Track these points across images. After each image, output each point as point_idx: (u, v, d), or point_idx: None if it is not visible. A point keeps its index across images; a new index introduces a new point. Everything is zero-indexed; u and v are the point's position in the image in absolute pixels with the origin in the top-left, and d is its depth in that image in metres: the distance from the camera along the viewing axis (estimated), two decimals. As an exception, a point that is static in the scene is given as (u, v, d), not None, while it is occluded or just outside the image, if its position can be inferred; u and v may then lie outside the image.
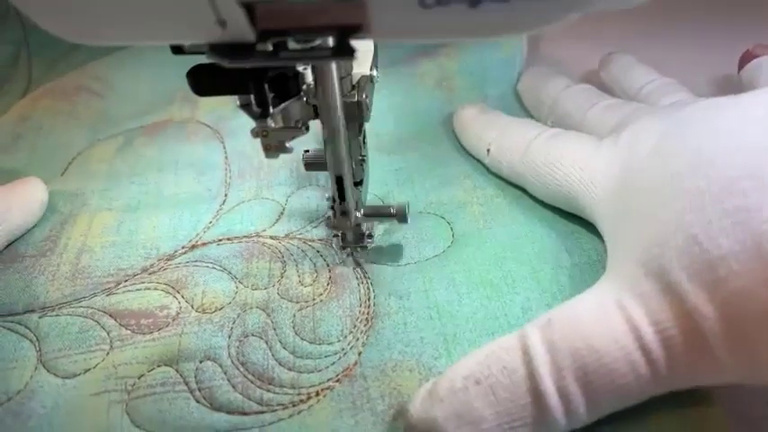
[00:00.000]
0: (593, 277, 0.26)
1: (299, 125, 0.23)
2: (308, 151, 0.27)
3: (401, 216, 0.27)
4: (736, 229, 0.19)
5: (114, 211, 0.33)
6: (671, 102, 0.31)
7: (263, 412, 0.23)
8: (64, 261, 0.30)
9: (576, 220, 0.29)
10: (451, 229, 0.31)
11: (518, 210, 0.31)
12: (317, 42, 0.17)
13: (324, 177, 0.34)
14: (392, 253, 0.29)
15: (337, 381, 0.24)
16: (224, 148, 0.36)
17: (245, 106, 0.22)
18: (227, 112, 0.39)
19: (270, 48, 0.16)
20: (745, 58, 0.35)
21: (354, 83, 0.24)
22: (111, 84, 0.41)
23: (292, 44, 0.17)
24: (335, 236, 0.29)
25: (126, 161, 0.36)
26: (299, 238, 0.30)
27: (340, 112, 0.23)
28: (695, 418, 0.21)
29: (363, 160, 0.27)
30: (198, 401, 0.24)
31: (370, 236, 0.29)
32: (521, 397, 0.20)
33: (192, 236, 0.31)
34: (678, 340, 0.19)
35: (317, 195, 0.33)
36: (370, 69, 0.24)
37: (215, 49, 0.16)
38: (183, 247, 0.30)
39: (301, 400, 0.24)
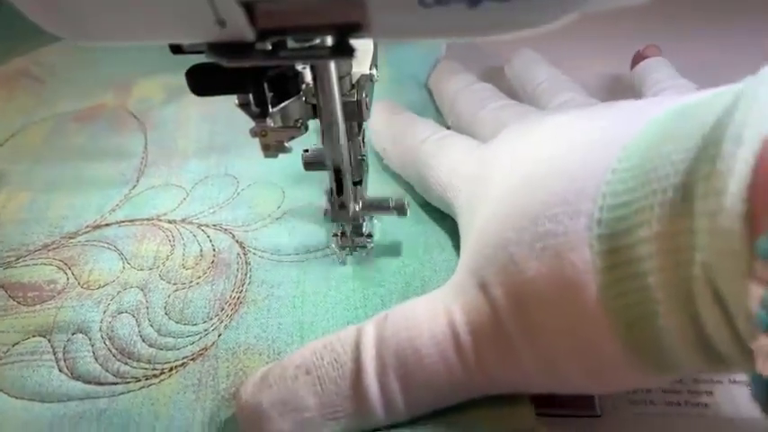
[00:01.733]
0: None
1: (298, 125, 0.23)
2: (307, 151, 0.27)
3: (400, 209, 0.27)
4: (545, 253, 0.19)
5: (32, 191, 0.34)
6: (561, 101, 0.31)
7: (116, 383, 0.25)
8: (-27, 235, 0.32)
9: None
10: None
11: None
12: (317, 41, 0.17)
13: (231, 164, 0.35)
14: (277, 244, 0.30)
15: (192, 359, 0.25)
16: (145, 137, 0.38)
17: (244, 106, 0.22)
18: (156, 102, 0.40)
19: (269, 47, 0.17)
20: (636, 59, 0.35)
21: (354, 82, 0.24)
22: (52, 69, 0.43)
23: (291, 43, 0.17)
24: (335, 235, 0.29)
25: (53, 145, 0.38)
26: (195, 223, 0.32)
27: (339, 107, 0.23)
28: (505, 413, 0.22)
29: (363, 160, 0.27)
30: (60, 370, 0.25)
31: (370, 235, 0.29)
32: (345, 390, 0.21)
33: (97, 217, 0.33)
34: (489, 347, 0.20)
35: (221, 183, 0.34)
36: (370, 68, 0.25)
37: (214, 48, 0.16)
38: (86, 227, 0.32)
39: (154, 375, 0.25)
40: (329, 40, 0.16)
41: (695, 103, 0.18)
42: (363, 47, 0.21)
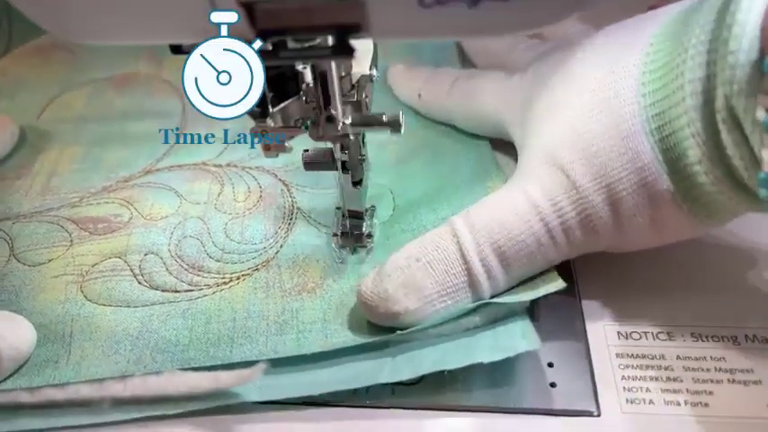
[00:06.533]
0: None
1: (299, 124, 0.24)
2: (307, 151, 0.27)
3: (395, 124, 0.25)
4: (602, 115, 0.24)
5: (83, 145, 0.38)
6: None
7: (191, 290, 0.28)
8: (36, 182, 0.35)
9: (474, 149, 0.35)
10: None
11: (428, 147, 0.36)
12: (317, 41, 0.17)
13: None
14: (317, 179, 0.34)
15: (256, 269, 0.29)
16: (182, 102, 0.41)
17: None
18: None
19: (269, 47, 0.17)
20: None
21: (354, 82, 0.25)
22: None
23: (291, 43, 0.17)
24: (335, 235, 0.30)
25: (95, 107, 0.41)
26: (239, 166, 0.36)
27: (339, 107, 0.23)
28: (537, 281, 0.26)
29: (363, 160, 0.28)
30: (140, 283, 0.29)
31: (370, 235, 0.30)
32: (452, 267, 0.24)
33: (147, 164, 0.36)
34: (568, 209, 0.24)
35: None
36: (370, 68, 0.25)
37: (214, 48, 0.17)
38: (138, 172, 0.35)
39: (224, 282, 0.29)
40: (329, 40, 0.17)
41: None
42: (363, 47, 0.21)
